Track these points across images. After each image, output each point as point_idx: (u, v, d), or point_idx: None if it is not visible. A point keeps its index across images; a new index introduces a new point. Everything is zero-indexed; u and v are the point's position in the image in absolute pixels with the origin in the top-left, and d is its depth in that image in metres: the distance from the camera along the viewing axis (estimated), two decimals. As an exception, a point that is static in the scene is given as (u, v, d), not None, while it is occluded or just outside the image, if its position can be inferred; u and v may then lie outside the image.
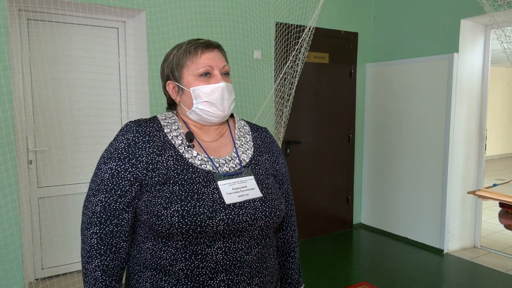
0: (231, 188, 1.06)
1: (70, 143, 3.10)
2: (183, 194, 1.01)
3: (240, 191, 1.06)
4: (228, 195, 1.04)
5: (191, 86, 1.12)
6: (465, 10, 3.65)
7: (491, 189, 0.90)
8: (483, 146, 4.03)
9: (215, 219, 1.00)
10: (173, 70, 1.14)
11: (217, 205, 1.02)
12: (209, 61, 1.12)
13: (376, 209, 4.62)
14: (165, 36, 3.21)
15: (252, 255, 1.06)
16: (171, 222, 0.98)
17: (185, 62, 1.12)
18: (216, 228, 1.00)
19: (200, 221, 0.98)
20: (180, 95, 1.15)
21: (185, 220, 0.98)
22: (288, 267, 1.28)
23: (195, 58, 1.12)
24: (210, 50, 1.13)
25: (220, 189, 1.04)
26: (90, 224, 1.04)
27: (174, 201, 1.00)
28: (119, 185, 1.04)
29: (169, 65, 1.16)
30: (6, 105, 2.64)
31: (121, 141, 1.07)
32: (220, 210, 1.01)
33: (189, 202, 1.00)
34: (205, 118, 1.13)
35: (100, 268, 1.03)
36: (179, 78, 1.13)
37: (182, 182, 1.03)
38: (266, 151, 1.22)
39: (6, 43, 2.64)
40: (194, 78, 1.12)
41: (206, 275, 1.01)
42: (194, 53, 1.12)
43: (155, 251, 1.03)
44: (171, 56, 1.16)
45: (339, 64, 4.45)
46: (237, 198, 1.04)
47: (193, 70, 1.11)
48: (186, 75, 1.12)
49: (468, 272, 3.59)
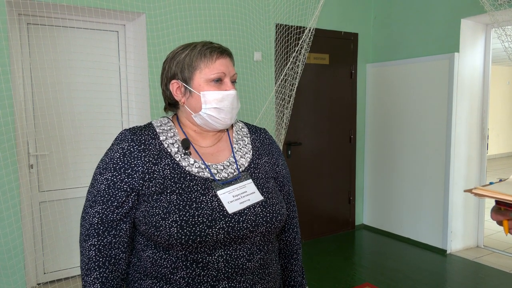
0: (231, 196, 1.04)
1: (71, 147, 3.10)
2: (181, 203, 0.99)
3: (241, 197, 1.04)
4: (229, 204, 1.02)
5: (202, 90, 1.08)
6: (466, 9, 3.65)
7: (488, 187, 0.89)
8: (485, 145, 4.02)
9: (215, 228, 0.98)
10: (183, 70, 1.10)
11: (216, 213, 1.00)
12: (223, 68, 1.09)
13: (378, 209, 4.61)
14: (165, 39, 3.21)
15: (254, 262, 1.04)
16: (169, 233, 0.96)
17: (198, 65, 1.08)
18: (216, 237, 0.98)
19: (199, 230, 0.97)
20: (187, 97, 1.11)
21: (184, 231, 0.96)
22: (291, 269, 1.26)
23: (210, 63, 1.08)
24: (224, 57, 1.11)
25: (221, 199, 1.02)
26: (88, 236, 1.03)
27: (172, 211, 0.98)
28: (115, 196, 1.02)
29: (178, 64, 1.10)
30: (7, 109, 2.64)
31: (116, 150, 1.05)
32: (220, 218, 0.99)
33: (188, 211, 0.98)
34: (210, 123, 1.11)
35: (99, 281, 1.02)
36: (189, 79, 1.09)
37: (180, 191, 1.01)
38: (266, 153, 1.20)
39: (7, 47, 2.64)
40: (206, 83, 1.08)
41: (208, 283, 1.00)
42: (210, 57, 1.09)
43: (155, 260, 1.02)
44: (183, 55, 1.10)
45: (340, 65, 4.44)
46: (239, 205, 1.03)
47: (206, 74, 1.08)
48: (198, 78, 1.09)
49: (472, 272, 3.57)
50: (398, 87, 4.30)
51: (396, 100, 4.33)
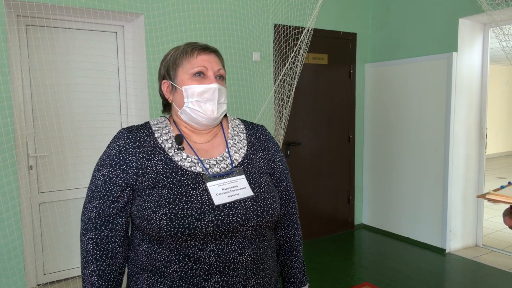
0: (220, 188, 1.06)
1: (70, 148, 3.10)
2: (171, 197, 1.02)
3: (230, 191, 1.06)
4: (217, 196, 1.04)
5: (184, 85, 1.13)
6: (464, 9, 3.66)
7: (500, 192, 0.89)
8: (484, 144, 4.03)
9: (204, 220, 1.00)
10: (169, 69, 1.16)
11: (206, 206, 1.02)
12: (204, 62, 1.14)
13: (377, 209, 4.62)
14: (164, 39, 3.21)
15: (246, 256, 1.06)
16: (159, 225, 0.99)
17: (180, 62, 1.14)
18: (206, 230, 1.00)
19: (188, 223, 0.99)
20: (173, 94, 1.16)
21: (173, 223, 0.99)
22: (291, 266, 1.27)
23: (191, 58, 1.14)
24: (207, 53, 1.15)
25: (209, 190, 1.05)
26: (86, 230, 1.07)
27: (162, 204, 1.01)
28: (111, 191, 1.07)
29: (165, 65, 1.18)
30: (6, 111, 2.64)
31: (112, 148, 1.10)
32: (209, 211, 1.01)
33: (177, 205, 1.01)
34: (195, 118, 1.13)
35: (96, 273, 1.05)
36: (174, 77, 1.15)
37: (171, 185, 1.04)
38: (261, 149, 1.22)
39: (5, 49, 2.64)
40: (188, 78, 1.13)
41: (200, 277, 1.02)
42: (191, 53, 1.14)
43: (150, 253, 1.05)
44: (169, 56, 1.18)
45: (338, 65, 4.45)
46: (227, 198, 1.05)
47: (187, 69, 1.13)
48: (181, 74, 1.14)
49: (471, 271, 3.59)
50: (396, 87, 4.31)
51: (395, 100, 4.34)
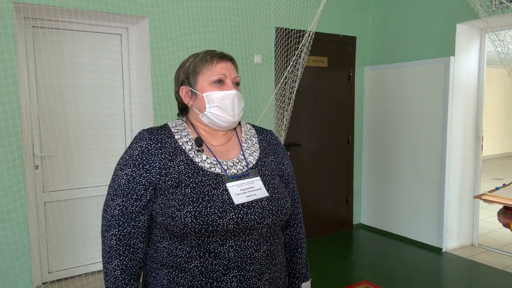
0: (239, 189, 1.13)
1: (76, 148, 3.15)
2: (194, 196, 1.08)
3: (247, 192, 1.13)
4: (236, 196, 1.11)
5: (204, 92, 1.20)
6: (461, 14, 3.73)
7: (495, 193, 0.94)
8: (480, 146, 4.11)
9: (225, 218, 1.07)
10: (189, 76, 1.23)
11: (227, 205, 1.09)
12: (223, 70, 1.21)
13: (375, 209, 4.69)
14: (168, 42, 3.27)
15: (261, 252, 1.13)
16: (184, 222, 1.05)
17: (201, 69, 1.21)
18: (227, 227, 1.07)
19: (211, 220, 1.05)
20: (193, 100, 1.23)
21: (198, 220, 1.05)
22: (296, 262, 1.36)
23: (211, 66, 1.21)
24: (225, 61, 1.23)
25: (229, 190, 1.11)
26: (110, 226, 1.12)
27: (186, 203, 1.07)
28: (134, 189, 1.12)
29: (185, 71, 1.24)
30: (15, 111, 2.69)
31: (135, 148, 1.15)
32: (230, 210, 1.08)
33: (201, 203, 1.07)
34: (216, 122, 1.21)
35: (120, 268, 1.11)
36: (194, 84, 1.22)
37: (193, 185, 1.10)
38: (272, 152, 1.30)
39: (14, 51, 2.69)
40: (208, 84, 1.20)
41: (220, 272, 1.08)
42: (210, 61, 1.21)
43: (171, 250, 1.11)
44: (188, 63, 1.24)
45: (338, 68, 4.52)
46: (245, 198, 1.12)
47: (207, 77, 1.20)
48: (201, 81, 1.21)
49: (467, 270, 3.66)
50: (395, 90, 4.38)
51: (393, 102, 4.41)
